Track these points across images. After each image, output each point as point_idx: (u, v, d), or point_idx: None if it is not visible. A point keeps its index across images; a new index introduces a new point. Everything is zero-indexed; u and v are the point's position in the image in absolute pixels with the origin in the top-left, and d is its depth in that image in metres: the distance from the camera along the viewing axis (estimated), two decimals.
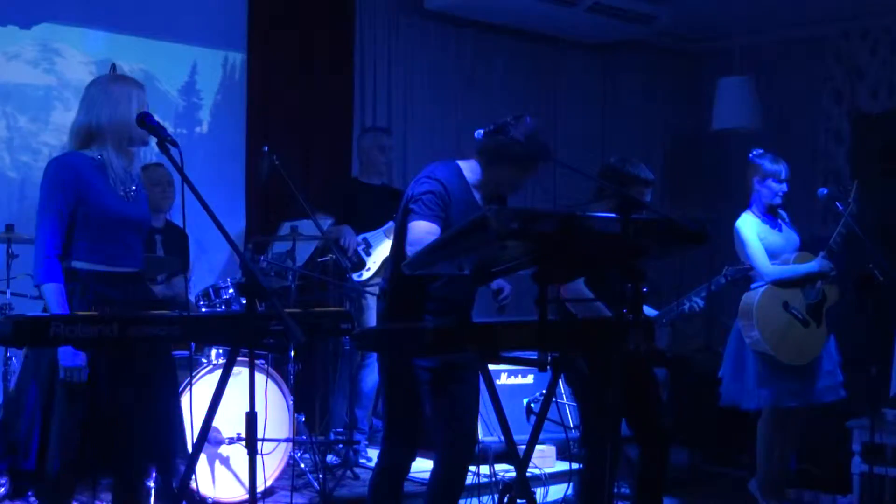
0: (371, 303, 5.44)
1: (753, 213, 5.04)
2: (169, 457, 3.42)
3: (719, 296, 4.78)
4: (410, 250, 3.43)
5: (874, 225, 5.15)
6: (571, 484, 4.72)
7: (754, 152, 5.09)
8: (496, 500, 4.70)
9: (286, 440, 4.84)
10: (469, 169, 3.67)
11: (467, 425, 3.72)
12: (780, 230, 5.08)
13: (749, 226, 4.98)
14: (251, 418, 2.91)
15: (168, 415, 3.43)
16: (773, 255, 4.98)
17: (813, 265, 4.98)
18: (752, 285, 4.99)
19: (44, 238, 3.24)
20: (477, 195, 3.67)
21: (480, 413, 4.94)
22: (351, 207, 5.68)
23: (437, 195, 3.54)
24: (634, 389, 4.16)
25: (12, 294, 4.72)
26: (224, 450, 4.67)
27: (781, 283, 4.94)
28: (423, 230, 3.49)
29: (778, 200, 5.03)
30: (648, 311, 4.29)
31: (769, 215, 5.06)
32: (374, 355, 4.86)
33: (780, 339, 4.91)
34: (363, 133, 6.11)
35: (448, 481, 3.74)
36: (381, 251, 5.52)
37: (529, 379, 5.67)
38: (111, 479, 3.48)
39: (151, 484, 4.06)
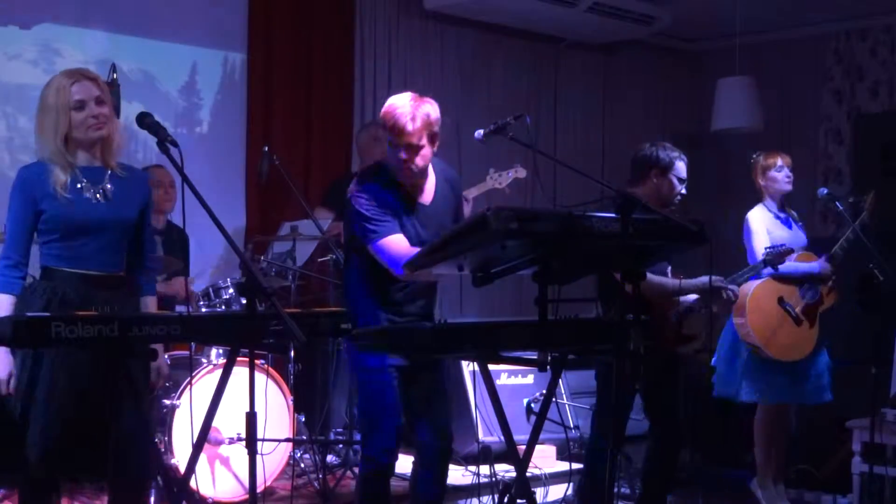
0: None
1: (766, 206, 5.07)
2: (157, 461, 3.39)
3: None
4: (399, 269, 3.40)
5: (874, 225, 5.15)
6: (571, 484, 4.72)
7: (753, 157, 5.14)
8: (496, 500, 4.70)
9: (286, 440, 4.84)
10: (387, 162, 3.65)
11: (440, 423, 3.70)
12: (789, 227, 5.09)
13: (758, 217, 5.03)
14: (251, 418, 2.91)
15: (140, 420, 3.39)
16: None
17: (814, 266, 4.99)
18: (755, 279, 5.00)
19: (4, 246, 3.28)
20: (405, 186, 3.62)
21: (480, 413, 4.96)
22: None
23: (375, 204, 3.50)
24: (660, 383, 4.21)
25: None
26: (224, 450, 4.67)
27: (779, 277, 4.95)
28: (396, 245, 3.46)
29: (787, 187, 5.06)
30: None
31: (782, 212, 5.08)
32: None
33: (771, 333, 4.92)
34: (361, 130, 6.09)
35: (427, 480, 3.73)
36: None
37: (529, 379, 5.67)
38: (104, 480, 3.45)
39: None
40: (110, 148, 3.33)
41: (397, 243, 3.46)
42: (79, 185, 3.26)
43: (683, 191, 4.40)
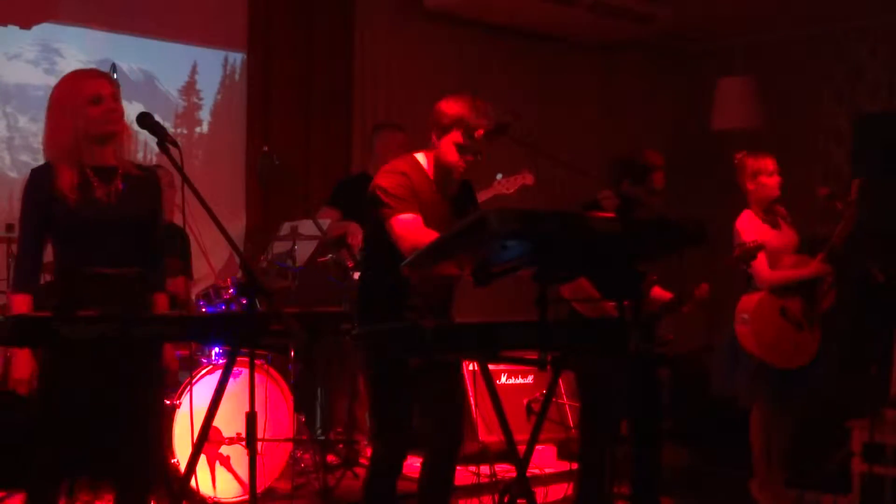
0: None
1: (753, 212, 5.05)
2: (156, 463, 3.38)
3: (721, 294, 4.78)
4: (407, 247, 3.43)
5: (874, 225, 5.13)
6: (571, 484, 4.72)
7: (737, 156, 5.11)
8: (496, 500, 4.70)
9: (286, 440, 4.84)
10: (425, 159, 3.69)
11: (450, 422, 3.71)
12: (777, 227, 5.08)
13: (746, 223, 5.00)
14: (251, 418, 2.92)
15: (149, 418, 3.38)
16: (770, 254, 4.99)
17: (811, 269, 4.98)
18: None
19: (19, 247, 3.30)
20: (436, 184, 3.68)
21: (480, 413, 4.96)
22: (360, 204, 5.63)
23: (404, 186, 3.55)
24: (639, 384, 4.22)
25: None
26: (224, 450, 4.67)
27: (778, 286, 4.93)
28: (408, 225, 3.48)
29: (777, 192, 5.03)
30: None
31: (769, 213, 5.06)
32: None
33: (774, 344, 4.89)
34: (379, 129, 6.02)
35: (435, 479, 3.74)
36: None
37: (529, 379, 5.68)
38: (108, 479, 3.46)
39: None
40: (122, 146, 3.33)
41: (412, 222, 3.48)
42: (89, 185, 3.24)
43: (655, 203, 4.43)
